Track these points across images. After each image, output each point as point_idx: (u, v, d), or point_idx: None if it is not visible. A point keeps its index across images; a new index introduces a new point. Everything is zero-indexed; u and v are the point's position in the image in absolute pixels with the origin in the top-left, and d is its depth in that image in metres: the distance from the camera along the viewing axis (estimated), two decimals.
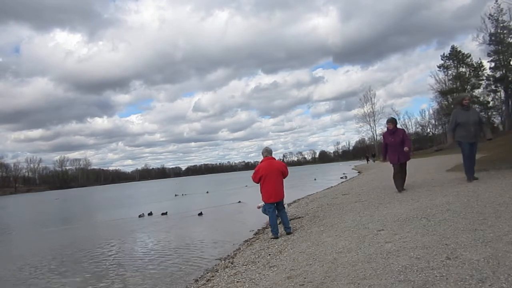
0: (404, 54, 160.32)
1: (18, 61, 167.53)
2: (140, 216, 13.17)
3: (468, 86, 40.23)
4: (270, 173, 5.85)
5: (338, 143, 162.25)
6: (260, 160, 6.39)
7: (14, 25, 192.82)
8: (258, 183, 6.01)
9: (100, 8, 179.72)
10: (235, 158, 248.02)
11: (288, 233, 5.93)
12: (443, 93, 42.86)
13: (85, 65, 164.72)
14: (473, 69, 40.55)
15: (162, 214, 13.18)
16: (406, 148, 7.19)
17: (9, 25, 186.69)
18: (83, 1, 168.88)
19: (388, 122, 7.69)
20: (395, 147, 7.31)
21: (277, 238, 5.87)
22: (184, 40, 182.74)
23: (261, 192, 6.06)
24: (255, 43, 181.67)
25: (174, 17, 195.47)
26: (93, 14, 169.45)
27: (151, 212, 13.67)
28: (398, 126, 7.80)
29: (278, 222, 6.16)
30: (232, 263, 5.00)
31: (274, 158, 6.23)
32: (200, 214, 12.08)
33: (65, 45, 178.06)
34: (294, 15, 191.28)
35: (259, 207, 7.13)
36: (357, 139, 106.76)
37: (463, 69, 41.41)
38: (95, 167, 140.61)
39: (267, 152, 6.15)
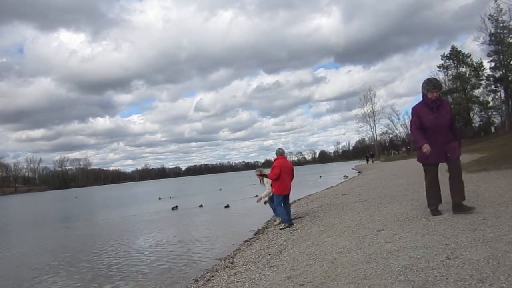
0: (405, 54, 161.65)
1: (21, 61, 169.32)
2: (173, 208, 14.67)
3: (468, 86, 40.23)
4: (286, 170, 6.73)
5: (338, 143, 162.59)
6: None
7: (18, 25, 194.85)
8: (277, 179, 6.66)
9: (106, 8, 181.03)
10: (235, 158, 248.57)
11: (290, 225, 6.57)
12: (443, 93, 42.75)
13: (88, 65, 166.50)
14: (473, 69, 40.52)
15: (200, 206, 14.63)
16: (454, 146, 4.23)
17: (14, 25, 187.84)
18: (88, 1, 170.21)
19: (429, 84, 4.24)
20: (440, 132, 4.17)
21: (292, 225, 6.59)
22: (188, 40, 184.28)
23: (272, 185, 6.82)
24: (257, 43, 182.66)
25: (179, 17, 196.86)
26: (98, 14, 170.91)
27: (177, 206, 15.21)
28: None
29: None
30: (232, 263, 5.00)
31: (286, 158, 7.14)
32: (227, 206, 13.37)
33: (69, 45, 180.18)
34: (297, 15, 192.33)
35: (259, 201, 7.49)
36: (357, 139, 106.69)
37: (463, 69, 41.38)
38: (95, 167, 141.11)
39: (280, 152, 7.02)
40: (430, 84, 4.24)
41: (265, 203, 7.54)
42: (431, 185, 4.44)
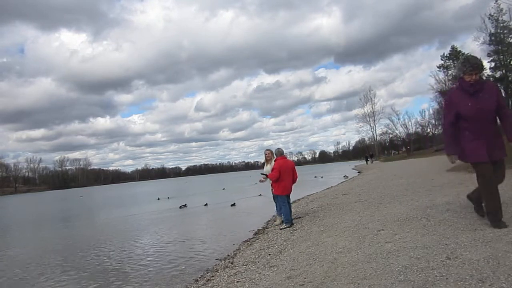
0: (406, 54, 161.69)
1: (22, 61, 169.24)
2: (180, 207, 14.92)
3: None
4: (286, 171, 6.82)
5: (338, 143, 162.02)
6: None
7: (19, 25, 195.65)
8: (277, 180, 6.78)
9: (106, 8, 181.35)
10: (235, 158, 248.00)
11: (290, 226, 6.62)
12: (443, 93, 42.79)
13: (89, 65, 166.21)
14: None
15: (204, 205, 14.82)
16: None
17: (15, 25, 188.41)
18: (89, 1, 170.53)
19: (467, 65, 3.40)
20: (482, 121, 3.43)
21: (292, 225, 6.60)
22: (188, 40, 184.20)
23: (273, 186, 6.97)
24: (258, 43, 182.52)
25: (179, 17, 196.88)
26: (99, 14, 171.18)
27: (185, 204, 15.54)
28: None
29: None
30: (232, 263, 5.00)
31: (286, 157, 7.21)
32: (233, 205, 13.53)
33: (70, 45, 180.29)
34: (297, 15, 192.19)
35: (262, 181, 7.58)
36: (357, 139, 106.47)
37: None
38: (95, 167, 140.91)
39: (280, 152, 7.07)
40: (468, 65, 3.39)
41: (261, 181, 7.64)
42: (487, 186, 3.48)
